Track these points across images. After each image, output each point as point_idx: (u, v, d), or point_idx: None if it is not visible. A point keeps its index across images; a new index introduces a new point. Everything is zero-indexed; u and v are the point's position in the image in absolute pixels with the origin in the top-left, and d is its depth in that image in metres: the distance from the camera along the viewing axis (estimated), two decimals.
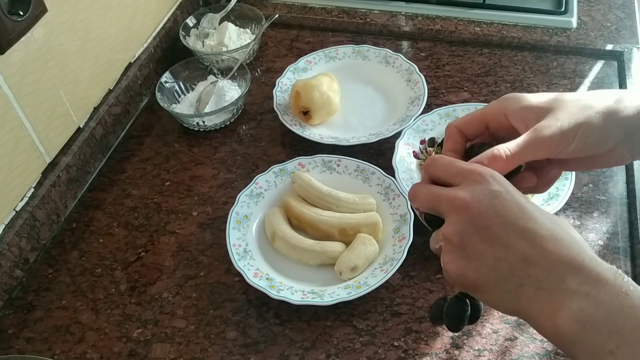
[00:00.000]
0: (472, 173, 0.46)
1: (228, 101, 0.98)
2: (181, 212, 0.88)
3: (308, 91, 0.94)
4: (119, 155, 0.97)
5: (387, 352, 0.71)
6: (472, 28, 1.12)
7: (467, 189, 0.45)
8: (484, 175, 0.45)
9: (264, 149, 0.96)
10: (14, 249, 0.79)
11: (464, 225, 0.44)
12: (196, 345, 0.73)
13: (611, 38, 1.09)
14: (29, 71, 0.79)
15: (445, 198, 0.46)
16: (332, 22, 1.17)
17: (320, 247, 0.78)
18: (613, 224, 0.82)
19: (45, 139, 0.84)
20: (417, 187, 0.49)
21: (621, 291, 0.40)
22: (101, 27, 0.93)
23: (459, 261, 0.45)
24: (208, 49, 1.08)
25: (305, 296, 0.74)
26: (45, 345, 0.74)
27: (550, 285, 0.42)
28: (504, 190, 0.44)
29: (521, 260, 0.43)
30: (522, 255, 0.43)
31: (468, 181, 0.45)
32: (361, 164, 0.87)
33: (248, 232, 0.82)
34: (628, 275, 0.75)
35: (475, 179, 0.45)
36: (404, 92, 1.01)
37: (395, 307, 0.75)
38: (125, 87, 1.00)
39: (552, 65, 1.06)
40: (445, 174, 0.48)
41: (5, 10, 0.70)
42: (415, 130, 0.91)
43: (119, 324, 0.76)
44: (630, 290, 0.40)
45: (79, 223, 0.88)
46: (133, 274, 0.81)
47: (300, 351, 0.71)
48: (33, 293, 0.80)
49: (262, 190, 0.86)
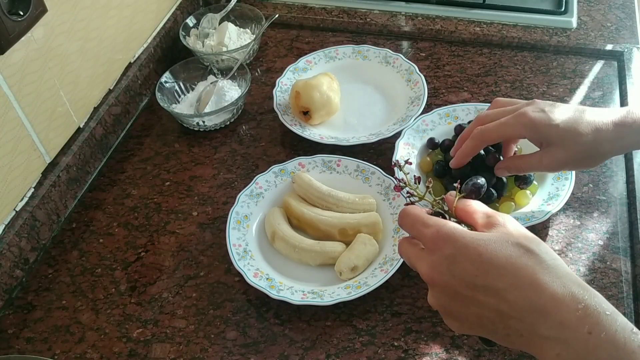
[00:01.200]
0: (427, 240, 0.48)
1: (228, 101, 0.98)
2: (181, 212, 0.88)
3: (308, 91, 0.94)
4: (119, 155, 0.97)
5: (387, 352, 0.71)
6: (472, 28, 1.12)
7: (427, 261, 0.48)
8: (437, 242, 0.47)
9: (264, 149, 0.96)
10: (14, 249, 0.79)
11: (438, 295, 0.48)
12: (196, 345, 0.73)
13: (611, 38, 1.09)
14: (29, 71, 0.79)
15: (416, 269, 0.50)
16: (332, 22, 1.17)
17: (320, 247, 0.78)
18: (613, 224, 0.82)
19: (45, 139, 0.84)
20: (400, 243, 0.53)
21: (584, 332, 0.41)
22: (101, 27, 0.93)
23: (451, 322, 0.48)
24: (208, 49, 1.08)
25: (305, 296, 0.74)
26: (45, 345, 0.74)
27: (528, 333, 0.43)
28: (456, 251, 0.46)
29: (497, 315, 0.45)
30: (495, 311, 0.44)
31: (427, 249, 0.49)
32: (361, 164, 0.87)
33: (248, 232, 0.82)
34: (628, 275, 0.76)
35: (430, 247, 0.48)
36: (404, 92, 1.01)
37: (395, 307, 0.75)
38: (125, 87, 1.00)
39: (552, 65, 1.06)
40: (411, 233, 0.51)
41: (5, 10, 0.70)
42: (415, 130, 0.91)
43: (119, 324, 0.76)
44: (594, 327, 0.41)
45: (79, 223, 0.88)
46: (133, 274, 0.81)
47: (300, 351, 0.71)
48: (33, 293, 0.80)
49: (262, 190, 0.86)
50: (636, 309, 0.73)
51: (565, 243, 0.80)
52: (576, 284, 0.43)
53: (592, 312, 0.41)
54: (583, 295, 0.42)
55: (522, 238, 0.45)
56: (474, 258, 0.45)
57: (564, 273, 0.44)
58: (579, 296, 0.42)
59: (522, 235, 0.46)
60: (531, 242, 0.45)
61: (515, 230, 0.47)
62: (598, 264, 0.77)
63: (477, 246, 0.45)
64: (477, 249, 0.45)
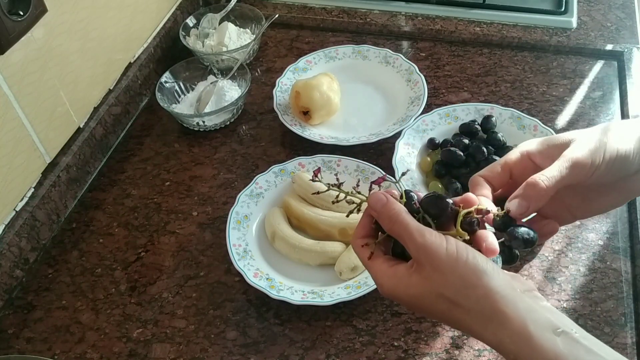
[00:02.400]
0: None
1: (228, 101, 0.98)
2: (181, 212, 0.88)
3: (308, 91, 0.94)
4: (119, 155, 0.97)
5: (387, 352, 0.71)
6: (472, 28, 1.12)
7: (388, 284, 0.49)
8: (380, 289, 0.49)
9: (264, 149, 0.96)
10: (14, 249, 0.79)
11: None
12: (196, 345, 0.73)
13: (611, 38, 1.09)
14: (29, 71, 0.79)
15: None
16: (332, 22, 1.17)
17: (320, 247, 0.78)
18: (613, 224, 0.82)
19: (45, 139, 0.84)
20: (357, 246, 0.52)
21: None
22: (101, 27, 0.93)
23: None
24: (208, 49, 1.08)
25: (305, 296, 0.74)
26: (45, 345, 0.74)
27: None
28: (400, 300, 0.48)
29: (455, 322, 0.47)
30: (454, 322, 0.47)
31: None
32: (361, 164, 0.87)
33: (248, 232, 0.82)
34: (628, 275, 0.76)
35: None
36: (404, 92, 1.01)
37: (395, 307, 0.75)
38: (125, 87, 1.00)
39: (552, 65, 1.06)
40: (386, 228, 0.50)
41: (5, 10, 0.70)
42: (415, 130, 0.91)
43: (119, 324, 0.76)
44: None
45: (79, 223, 0.88)
46: (133, 274, 0.81)
47: (300, 351, 0.71)
48: (33, 293, 0.80)
49: (262, 190, 0.86)
50: (636, 309, 0.73)
51: (565, 243, 0.80)
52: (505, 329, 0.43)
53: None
54: (509, 345, 0.43)
55: (445, 289, 0.45)
56: (421, 309, 0.47)
57: (490, 314, 0.44)
58: (507, 346, 0.43)
59: (443, 285, 0.45)
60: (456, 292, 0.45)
61: (439, 279, 0.45)
62: (598, 264, 0.77)
63: (416, 303, 0.47)
64: (418, 305, 0.47)
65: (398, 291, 0.47)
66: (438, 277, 0.45)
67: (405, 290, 0.47)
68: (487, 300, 0.43)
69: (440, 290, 0.45)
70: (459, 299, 0.44)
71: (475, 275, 0.44)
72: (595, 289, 0.75)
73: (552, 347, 0.41)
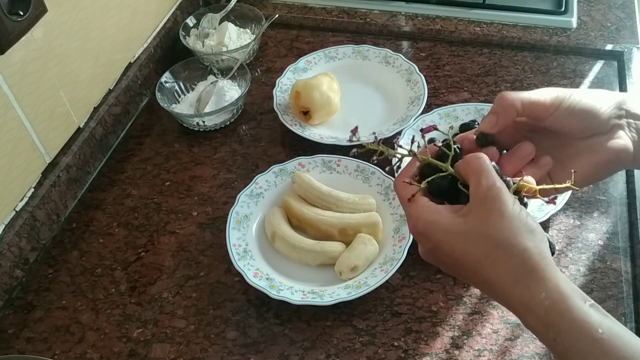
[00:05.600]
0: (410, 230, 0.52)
1: (228, 101, 0.98)
2: (181, 212, 0.88)
3: (308, 91, 0.94)
4: (119, 155, 0.97)
5: (387, 352, 0.71)
6: (472, 28, 1.12)
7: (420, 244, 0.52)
8: (416, 235, 0.51)
9: (264, 149, 0.96)
10: (14, 249, 0.79)
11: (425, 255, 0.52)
12: (196, 345, 0.73)
13: (611, 38, 1.09)
14: (29, 71, 0.79)
15: None
16: (332, 22, 1.17)
17: (320, 247, 0.78)
18: (613, 224, 0.82)
19: (45, 139, 0.84)
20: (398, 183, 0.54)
21: (550, 338, 0.44)
22: (101, 27, 0.93)
23: None
24: (208, 49, 1.08)
25: (305, 296, 0.74)
26: (45, 345, 0.74)
27: None
28: (433, 246, 0.49)
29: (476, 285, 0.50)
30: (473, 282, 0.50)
31: None
32: (361, 164, 0.87)
33: (248, 232, 0.82)
34: (628, 275, 0.76)
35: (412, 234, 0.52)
36: (404, 92, 1.01)
37: (395, 307, 0.75)
38: (125, 87, 1.00)
39: (552, 65, 1.06)
40: None
41: (5, 10, 0.70)
42: (415, 130, 0.91)
43: (119, 324, 0.76)
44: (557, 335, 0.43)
45: (79, 223, 0.88)
46: (133, 274, 0.81)
47: (300, 351, 0.71)
48: (33, 293, 0.80)
49: (262, 190, 0.86)
50: (636, 309, 0.73)
51: (565, 243, 0.80)
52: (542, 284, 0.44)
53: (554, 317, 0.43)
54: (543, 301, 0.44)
55: (497, 231, 0.46)
56: (449, 254, 0.48)
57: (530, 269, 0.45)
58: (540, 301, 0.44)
59: (497, 227, 0.46)
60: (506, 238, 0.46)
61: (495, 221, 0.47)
62: (598, 264, 0.77)
63: (450, 242, 0.48)
64: (450, 245, 0.48)
65: (435, 226, 0.48)
66: (495, 218, 0.46)
67: (445, 226, 0.48)
68: (531, 256, 0.45)
69: (491, 231, 0.46)
70: (506, 244, 0.45)
71: (528, 232, 0.46)
72: (595, 289, 0.75)
73: (587, 309, 0.43)
